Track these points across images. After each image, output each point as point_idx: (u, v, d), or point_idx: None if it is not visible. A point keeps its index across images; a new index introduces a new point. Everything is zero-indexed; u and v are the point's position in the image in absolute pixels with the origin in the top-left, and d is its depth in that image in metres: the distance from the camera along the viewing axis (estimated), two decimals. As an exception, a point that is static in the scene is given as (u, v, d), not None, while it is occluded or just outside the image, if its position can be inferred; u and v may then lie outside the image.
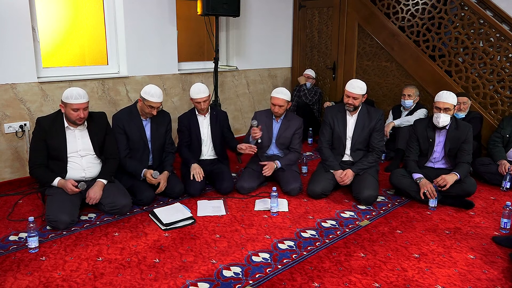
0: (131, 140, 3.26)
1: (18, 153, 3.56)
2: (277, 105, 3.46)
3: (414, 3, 4.57)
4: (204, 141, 3.58)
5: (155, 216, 2.90)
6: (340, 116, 3.47)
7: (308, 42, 5.67)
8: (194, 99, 3.46)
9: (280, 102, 3.45)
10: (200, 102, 3.44)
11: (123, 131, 3.24)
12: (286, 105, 3.51)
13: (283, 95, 3.46)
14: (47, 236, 2.67)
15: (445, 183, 3.15)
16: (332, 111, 3.52)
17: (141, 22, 4.13)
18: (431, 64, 4.47)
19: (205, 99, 3.45)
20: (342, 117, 3.47)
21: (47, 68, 3.74)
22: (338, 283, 2.23)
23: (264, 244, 2.63)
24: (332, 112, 3.52)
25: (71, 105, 2.81)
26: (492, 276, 2.32)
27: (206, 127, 3.58)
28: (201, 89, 3.43)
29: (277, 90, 3.51)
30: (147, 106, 3.17)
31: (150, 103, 3.15)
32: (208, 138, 3.59)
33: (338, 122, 3.46)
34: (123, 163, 3.21)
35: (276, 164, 3.50)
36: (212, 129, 3.57)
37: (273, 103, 3.48)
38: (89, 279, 2.22)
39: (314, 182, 3.37)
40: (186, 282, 2.20)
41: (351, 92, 3.31)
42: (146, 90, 3.16)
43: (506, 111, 4.11)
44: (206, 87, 3.48)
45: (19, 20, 3.38)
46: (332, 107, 3.68)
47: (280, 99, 3.45)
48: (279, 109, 3.47)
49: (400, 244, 2.65)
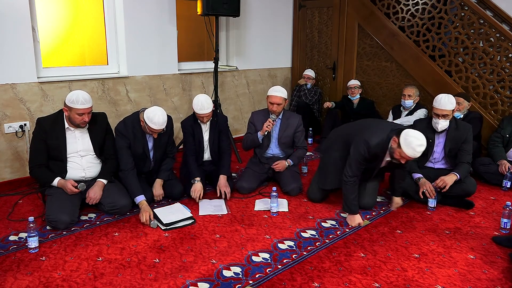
0: (133, 152, 3.14)
1: (18, 153, 3.56)
2: (275, 103, 3.44)
3: (414, 3, 4.57)
4: (205, 147, 3.55)
5: (155, 216, 2.90)
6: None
7: (308, 42, 5.67)
8: (198, 114, 3.32)
9: (278, 100, 3.44)
10: (203, 117, 3.32)
11: (127, 146, 3.10)
12: (284, 103, 3.50)
13: (280, 93, 3.45)
14: (47, 236, 2.67)
15: (445, 185, 3.15)
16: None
17: (141, 22, 4.13)
18: (431, 64, 4.47)
19: (208, 114, 3.32)
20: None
21: (47, 68, 3.73)
22: (338, 283, 2.23)
23: (264, 244, 2.63)
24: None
25: (76, 110, 2.81)
26: (492, 276, 2.32)
27: (207, 134, 3.54)
28: (204, 105, 3.25)
29: (274, 88, 3.50)
30: (149, 130, 3.00)
31: (151, 129, 2.98)
32: (207, 143, 3.57)
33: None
34: (123, 176, 3.07)
35: (288, 162, 3.52)
36: (211, 134, 3.52)
37: (271, 101, 3.46)
38: (89, 279, 2.22)
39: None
40: (186, 282, 2.20)
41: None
42: (148, 116, 2.94)
43: (506, 111, 4.10)
44: (210, 100, 3.30)
45: (19, 20, 3.38)
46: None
47: (278, 97, 3.44)
48: (277, 108, 3.46)
49: (400, 244, 2.65)
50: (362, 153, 2.82)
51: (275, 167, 3.50)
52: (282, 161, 3.52)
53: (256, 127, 3.56)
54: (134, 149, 3.15)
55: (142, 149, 3.17)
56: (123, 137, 3.10)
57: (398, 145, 2.63)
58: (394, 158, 2.75)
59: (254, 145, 3.59)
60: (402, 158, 2.67)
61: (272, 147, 3.63)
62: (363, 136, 2.84)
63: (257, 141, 3.53)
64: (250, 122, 3.64)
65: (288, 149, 3.64)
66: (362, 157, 2.84)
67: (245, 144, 3.64)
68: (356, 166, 2.88)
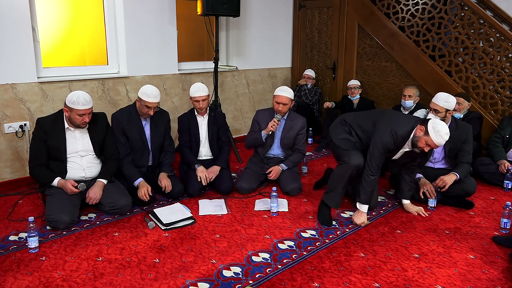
0: (130, 140, 3.26)
1: (18, 153, 3.56)
2: (281, 103, 3.42)
3: (414, 3, 4.57)
4: (202, 142, 3.58)
5: (154, 216, 2.90)
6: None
7: (308, 42, 5.67)
8: (193, 97, 3.45)
9: (284, 100, 3.43)
10: (199, 101, 3.43)
11: (122, 132, 3.24)
12: (290, 104, 3.48)
13: (287, 93, 3.44)
14: (47, 236, 2.67)
15: (444, 184, 3.15)
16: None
17: (141, 22, 4.13)
18: (431, 64, 4.47)
19: (204, 98, 3.44)
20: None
21: (47, 68, 3.74)
22: (338, 283, 2.23)
23: (264, 244, 2.63)
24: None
25: (77, 111, 2.81)
26: (492, 276, 2.32)
27: (204, 128, 3.57)
28: (200, 87, 3.43)
29: (281, 88, 3.49)
30: (144, 106, 3.18)
31: (146, 103, 3.15)
32: (206, 139, 3.59)
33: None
34: (121, 164, 3.19)
35: (281, 167, 3.51)
36: (210, 130, 3.56)
37: (277, 101, 3.44)
38: (89, 279, 2.22)
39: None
40: (186, 282, 2.20)
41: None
42: (142, 90, 3.18)
43: (506, 111, 4.10)
44: (206, 87, 3.48)
45: (19, 20, 3.38)
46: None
47: (284, 97, 3.42)
48: (283, 108, 3.44)
49: (400, 244, 2.66)
50: (387, 144, 2.79)
51: (270, 177, 3.49)
52: (275, 168, 3.51)
53: (260, 125, 3.55)
54: (131, 135, 3.24)
55: (139, 135, 3.25)
56: (118, 123, 3.23)
57: (425, 133, 2.68)
58: (416, 147, 2.76)
59: (257, 143, 3.58)
60: (427, 146, 2.71)
61: (274, 147, 3.62)
62: (388, 126, 2.80)
63: (260, 139, 3.53)
64: (254, 120, 3.62)
65: (289, 150, 3.63)
66: (387, 149, 2.81)
67: (248, 142, 3.64)
68: (379, 159, 2.82)
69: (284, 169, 3.53)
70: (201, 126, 3.56)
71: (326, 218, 2.94)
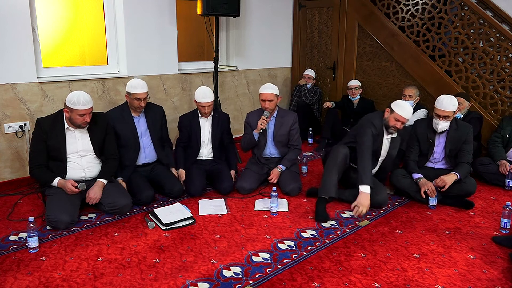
0: (122, 137, 3.28)
1: (18, 153, 3.56)
2: (267, 100, 3.42)
3: (414, 3, 4.57)
4: (204, 143, 3.58)
5: (154, 216, 2.90)
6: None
7: (308, 42, 5.67)
8: (199, 103, 3.44)
9: (269, 96, 3.42)
10: (204, 107, 3.44)
11: (113, 130, 3.22)
12: (276, 99, 3.47)
13: (271, 89, 3.44)
14: (47, 236, 2.67)
15: (444, 184, 3.15)
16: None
17: (141, 22, 4.13)
18: (431, 64, 4.48)
19: (210, 104, 3.45)
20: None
21: (47, 68, 3.74)
22: (338, 283, 2.23)
23: (264, 244, 2.63)
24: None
25: (77, 111, 2.82)
26: (492, 276, 2.32)
27: (207, 129, 3.58)
28: (206, 93, 3.42)
29: (264, 86, 3.49)
30: (134, 100, 3.21)
31: (135, 96, 3.20)
32: (209, 140, 3.59)
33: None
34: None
35: (280, 168, 3.51)
36: (213, 132, 3.57)
37: (263, 98, 3.44)
38: (89, 279, 2.22)
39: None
40: (186, 282, 2.20)
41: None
42: (129, 84, 3.24)
43: (506, 111, 4.11)
44: (212, 92, 3.48)
45: (19, 20, 3.38)
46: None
47: (269, 94, 3.42)
48: (269, 104, 3.44)
49: (400, 244, 2.66)
50: (370, 131, 3.07)
51: (271, 180, 3.49)
52: (274, 171, 3.51)
53: (252, 127, 3.56)
54: (122, 133, 3.26)
55: (130, 131, 3.28)
56: (111, 119, 3.24)
57: (390, 111, 3.09)
58: (390, 128, 3.11)
59: (251, 144, 3.59)
60: (397, 122, 3.06)
61: (268, 146, 3.62)
62: (365, 122, 3.17)
63: (253, 140, 3.53)
64: (246, 123, 3.64)
65: (284, 148, 3.62)
66: (371, 136, 3.07)
67: (243, 145, 3.65)
68: (368, 153, 3.05)
69: (283, 169, 3.52)
70: (204, 128, 3.57)
71: (321, 213, 2.99)
